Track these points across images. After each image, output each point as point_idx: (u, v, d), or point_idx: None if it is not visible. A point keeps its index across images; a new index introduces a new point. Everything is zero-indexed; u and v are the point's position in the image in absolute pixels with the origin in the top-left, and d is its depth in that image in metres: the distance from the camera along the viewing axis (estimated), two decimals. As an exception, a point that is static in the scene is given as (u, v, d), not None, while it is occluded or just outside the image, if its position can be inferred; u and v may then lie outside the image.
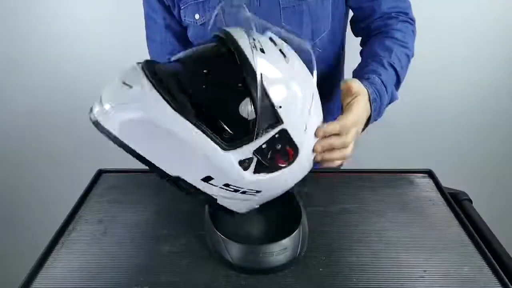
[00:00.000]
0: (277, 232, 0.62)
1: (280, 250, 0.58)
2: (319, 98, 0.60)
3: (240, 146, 0.52)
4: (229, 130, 0.52)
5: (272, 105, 0.52)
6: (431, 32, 1.32)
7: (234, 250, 0.59)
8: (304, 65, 0.59)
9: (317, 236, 0.65)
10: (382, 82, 0.71)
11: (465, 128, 1.50)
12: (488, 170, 1.57)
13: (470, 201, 0.74)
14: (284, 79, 0.55)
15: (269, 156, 0.54)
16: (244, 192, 0.57)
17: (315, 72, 0.56)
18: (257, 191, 0.58)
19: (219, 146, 0.51)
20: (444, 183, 0.80)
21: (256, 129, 0.52)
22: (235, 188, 0.56)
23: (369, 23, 0.83)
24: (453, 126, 1.50)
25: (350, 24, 0.89)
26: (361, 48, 0.86)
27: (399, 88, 0.78)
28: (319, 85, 0.87)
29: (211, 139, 0.51)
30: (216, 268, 0.60)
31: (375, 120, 0.71)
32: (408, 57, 0.78)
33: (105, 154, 1.48)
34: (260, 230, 0.65)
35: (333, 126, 0.60)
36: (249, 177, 0.55)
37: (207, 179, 0.54)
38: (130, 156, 0.53)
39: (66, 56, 1.39)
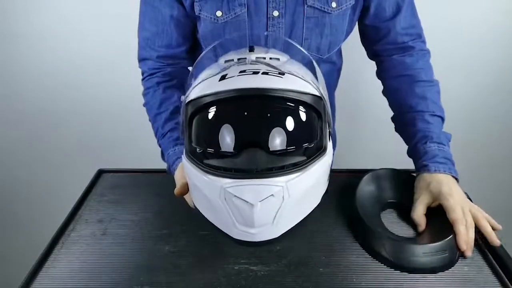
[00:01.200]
0: (432, 234, 0.64)
1: (439, 252, 0.60)
2: None
3: (326, 139, 0.56)
4: (315, 143, 0.55)
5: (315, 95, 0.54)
6: (432, 32, 1.32)
7: (392, 248, 0.60)
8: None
9: (317, 236, 0.65)
10: (437, 142, 0.74)
11: (465, 128, 1.49)
12: (488, 170, 1.57)
13: (470, 201, 0.74)
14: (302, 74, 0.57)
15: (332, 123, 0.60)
16: None
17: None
18: None
19: (326, 157, 0.55)
20: (444, 183, 0.80)
21: (329, 117, 0.56)
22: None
23: (385, 45, 0.84)
24: (453, 126, 1.49)
25: (364, 45, 0.89)
26: (378, 78, 0.87)
27: (444, 122, 0.81)
28: (329, 90, 0.89)
29: (318, 158, 0.54)
30: (216, 268, 0.60)
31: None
32: (438, 91, 0.82)
33: (105, 154, 1.49)
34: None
35: (459, 231, 0.62)
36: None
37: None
38: (129, 156, 0.53)
39: (67, 56, 1.38)
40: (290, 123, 0.51)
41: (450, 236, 0.61)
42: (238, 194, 0.48)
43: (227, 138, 0.50)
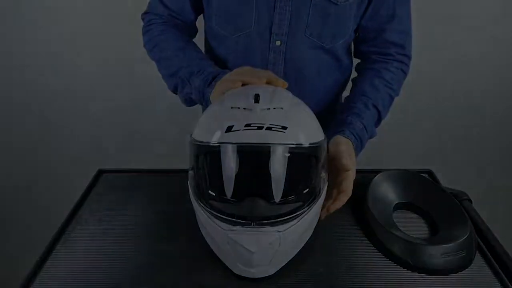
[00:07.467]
0: (446, 234, 0.64)
1: (457, 252, 0.60)
2: None
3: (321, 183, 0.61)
4: (311, 187, 0.59)
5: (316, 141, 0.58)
6: (432, 33, 1.32)
7: (410, 250, 0.60)
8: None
9: (317, 236, 0.65)
10: (363, 125, 0.78)
11: (465, 128, 1.50)
12: (488, 170, 1.57)
13: (470, 201, 0.74)
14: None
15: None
16: None
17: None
18: None
19: (320, 200, 0.60)
20: (444, 183, 0.80)
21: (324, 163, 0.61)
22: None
23: (369, 47, 0.87)
24: (454, 126, 1.50)
25: (353, 45, 0.91)
26: (355, 70, 0.91)
27: (379, 125, 0.85)
28: (331, 89, 0.89)
29: (313, 203, 0.58)
30: (216, 268, 0.60)
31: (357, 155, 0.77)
32: (391, 97, 0.85)
33: (105, 154, 1.49)
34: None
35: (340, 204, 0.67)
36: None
37: None
38: (130, 156, 0.53)
39: (67, 57, 1.39)
40: (289, 176, 0.55)
41: (467, 235, 0.61)
42: (240, 241, 0.54)
43: (231, 187, 0.54)
